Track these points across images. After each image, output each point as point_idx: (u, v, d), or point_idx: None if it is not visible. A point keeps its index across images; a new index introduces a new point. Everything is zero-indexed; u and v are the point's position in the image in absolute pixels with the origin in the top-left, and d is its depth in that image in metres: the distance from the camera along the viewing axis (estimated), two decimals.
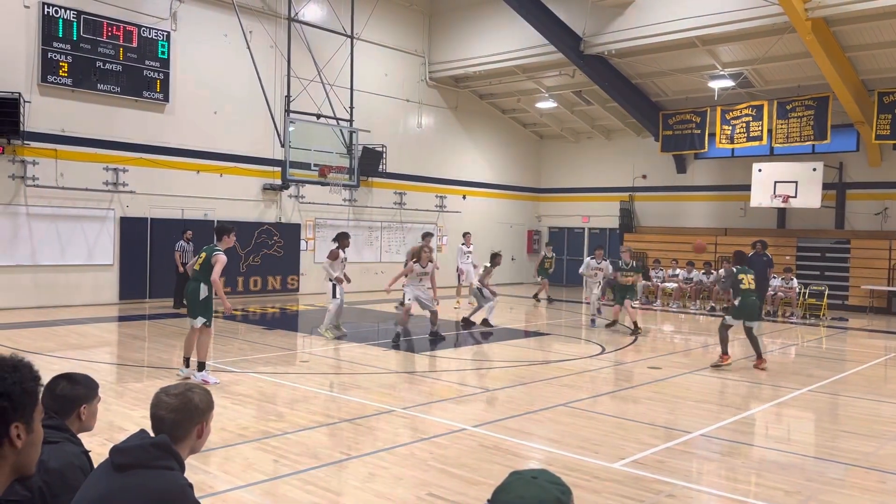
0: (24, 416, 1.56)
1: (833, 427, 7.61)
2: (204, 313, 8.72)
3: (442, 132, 24.09)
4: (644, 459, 5.99)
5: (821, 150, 19.34)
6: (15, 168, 14.86)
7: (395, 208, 22.58)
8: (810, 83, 18.91)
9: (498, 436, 6.56)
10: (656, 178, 24.19)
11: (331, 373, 9.75)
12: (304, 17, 19.18)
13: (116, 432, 6.22)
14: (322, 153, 17.50)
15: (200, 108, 17.72)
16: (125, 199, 16.48)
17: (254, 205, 18.99)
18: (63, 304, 15.38)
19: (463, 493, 5.08)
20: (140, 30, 16.40)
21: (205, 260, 8.75)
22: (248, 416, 7.12)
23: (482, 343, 12.69)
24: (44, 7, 14.95)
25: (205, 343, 8.78)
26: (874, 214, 19.88)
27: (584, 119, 25.00)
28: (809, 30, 15.71)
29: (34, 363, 1.68)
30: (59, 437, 2.71)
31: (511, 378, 9.41)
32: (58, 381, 2.97)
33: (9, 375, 1.54)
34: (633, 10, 18.79)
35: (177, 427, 2.51)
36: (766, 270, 17.16)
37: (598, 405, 7.96)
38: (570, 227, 27.04)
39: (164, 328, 13.06)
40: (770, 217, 21.53)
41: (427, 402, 7.98)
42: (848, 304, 19.04)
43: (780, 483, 5.50)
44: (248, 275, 18.76)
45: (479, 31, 22.20)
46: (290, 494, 5.00)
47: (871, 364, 11.28)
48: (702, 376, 9.87)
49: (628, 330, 13.90)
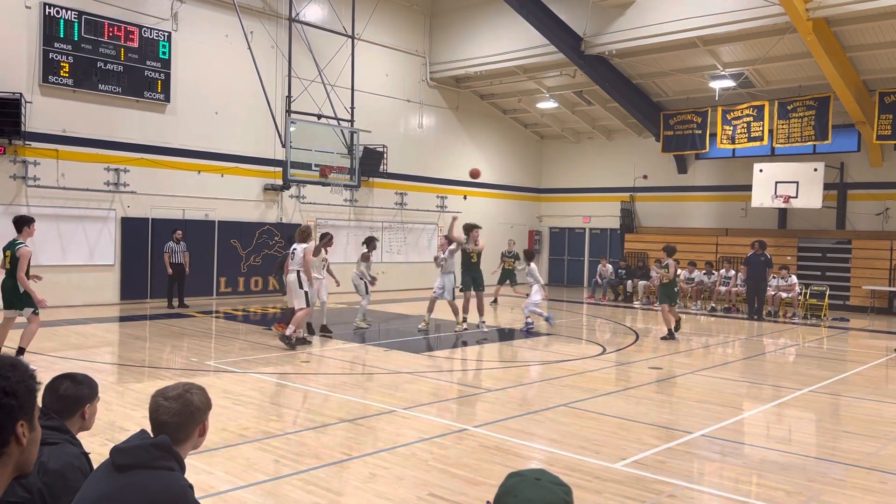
0: (28, 414, 1.58)
1: (834, 427, 7.61)
2: (28, 303, 8.87)
3: (443, 132, 24.09)
4: (645, 460, 5.98)
5: (822, 150, 19.33)
6: (16, 168, 14.87)
7: (395, 208, 22.58)
8: (811, 83, 18.90)
9: (499, 436, 6.55)
10: (657, 179, 24.19)
11: (331, 373, 9.75)
12: (305, 18, 19.19)
13: (117, 432, 6.22)
14: (323, 153, 17.50)
15: (201, 109, 17.73)
16: (126, 200, 16.49)
17: (255, 205, 19.00)
18: (64, 304, 15.38)
19: (464, 494, 5.07)
20: (141, 30, 16.41)
21: (11, 256, 8.79)
22: (249, 416, 7.12)
23: (482, 343, 12.68)
24: (45, 7, 14.96)
25: (32, 331, 9.04)
26: (875, 215, 19.87)
27: (584, 119, 25.00)
28: (810, 30, 15.70)
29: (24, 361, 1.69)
30: (58, 438, 2.70)
31: (512, 378, 9.40)
32: (61, 382, 2.97)
33: (11, 374, 1.55)
34: (634, 11, 18.79)
35: (179, 430, 2.51)
36: (764, 270, 17.18)
37: (600, 405, 7.95)
38: (570, 227, 27.04)
39: (164, 328, 13.07)
40: (771, 217, 21.53)
41: (428, 402, 7.98)
42: (849, 304, 19.03)
43: (781, 483, 5.50)
44: (249, 275, 18.77)
45: (479, 31, 22.21)
46: (292, 494, 5.00)
47: (872, 364, 11.27)
48: (703, 376, 9.87)
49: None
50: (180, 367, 9.61)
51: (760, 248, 17.19)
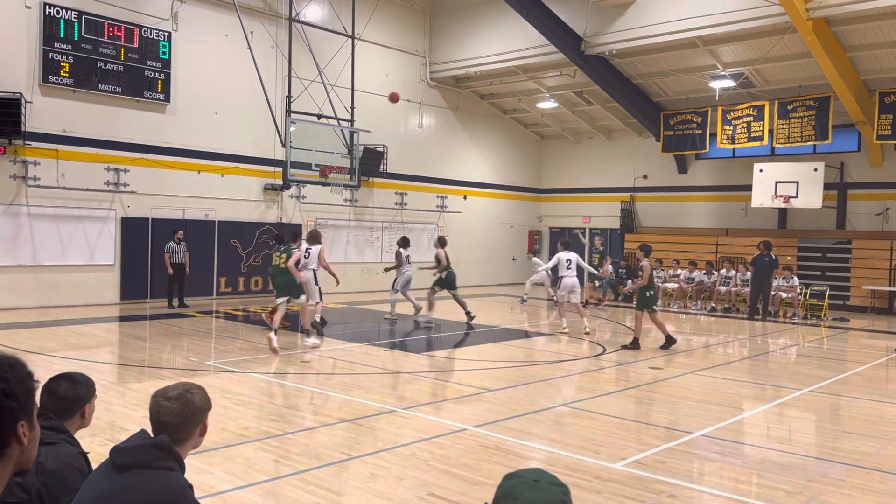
0: (28, 414, 1.58)
1: (834, 427, 7.61)
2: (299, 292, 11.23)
3: (443, 132, 24.09)
4: (645, 460, 5.98)
5: (822, 150, 19.33)
6: (16, 168, 14.87)
7: (396, 208, 22.58)
8: (811, 83, 18.90)
9: (499, 436, 6.55)
10: (657, 179, 24.18)
11: (332, 373, 9.75)
12: (305, 18, 19.18)
13: (117, 432, 6.22)
14: (323, 153, 17.48)
15: (201, 109, 17.72)
16: (126, 200, 16.49)
17: (255, 205, 19.00)
18: (64, 305, 15.39)
19: (464, 494, 5.07)
20: (141, 30, 16.41)
21: (287, 256, 11.27)
22: (249, 416, 7.12)
23: (482, 343, 12.68)
24: (45, 7, 14.96)
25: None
26: (875, 215, 19.86)
27: (584, 119, 24.99)
28: (810, 30, 15.70)
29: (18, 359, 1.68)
30: (56, 437, 2.70)
31: (512, 378, 9.40)
32: (59, 383, 2.97)
33: (10, 375, 1.55)
34: (634, 11, 18.79)
35: (180, 430, 2.52)
36: (770, 271, 17.17)
37: (599, 405, 7.95)
38: (571, 227, 27.02)
39: (165, 328, 13.07)
40: (771, 217, 21.52)
41: (428, 402, 7.98)
42: (849, 304, 19.03)
43: (781, 483, 5.50)
44: (249, 275, 18.77)
45: (479, 31, 22.21)
46: (292, 494, 5.00)
47: (872, 364, 11.27)
48: (703, 376, 9.87)
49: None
50: (180, 367, 9.61)
51: (766, 249, 17.19)
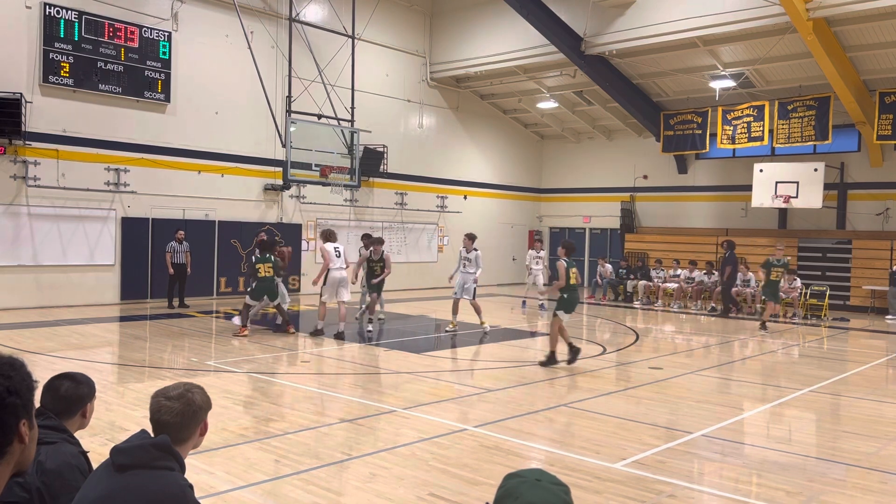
0: (29, 413, 1.59)
1: (834, 427, 7.61)
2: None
3: (443, 132, 24.09)
4: (645, 460, 5.98)
5: (822, 150, 19.33)
6: (16, 168, 14.88)
7: (396, 209, 22.58)
8: (811, 83, 18.90)
9: (499, 436, 6.55)
10: (657, 179, 24.18)
11: (332, 373, 9.75)
12: (306, 18, 19.18)
13: (118, 432, 6.23)
14: (323, 153, 17.49)
15: (201, 109, 17.73)
16: (126, 200, 16.49)
17: (255, 205, 19.00)
18: (64, 304, 15.39)
19: (464, 494, 5.07)
20: (141, 30, 16.41)
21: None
22: (250, 416, 7.12)
23: (482, 343, 12.68)
24: (45, 8, 14.96)
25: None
26: (875, 215, 19.86)
27: (585, 119, 24.99)
28: (811, 30, 15.70)
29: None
30: (56, 437, 2.70)
31: (512, 378, 9.40)
32: (61, 382, 2.97)
33: (14, 374, 1.56)
34: (634, 11, 18.79)
35: (181, 430, 2.52)
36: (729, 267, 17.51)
37: (600, 405, 7.95)
38: (571, 227, 27.04)
39: (165, 328, 13.07)
40: (771, 217, 21.52)
41: (428, 402, 7.98)
42: (849, 304, 19.03)
43: (781, 483, 5.50)
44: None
45: (479, 31, 22.21)
46: (292, 494, 5.00)
47: (872, 364, 11.27)
48: (703, 376, 9.87)
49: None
50: (180, 367, 9.61)
51: (729, 248, 17.53)
